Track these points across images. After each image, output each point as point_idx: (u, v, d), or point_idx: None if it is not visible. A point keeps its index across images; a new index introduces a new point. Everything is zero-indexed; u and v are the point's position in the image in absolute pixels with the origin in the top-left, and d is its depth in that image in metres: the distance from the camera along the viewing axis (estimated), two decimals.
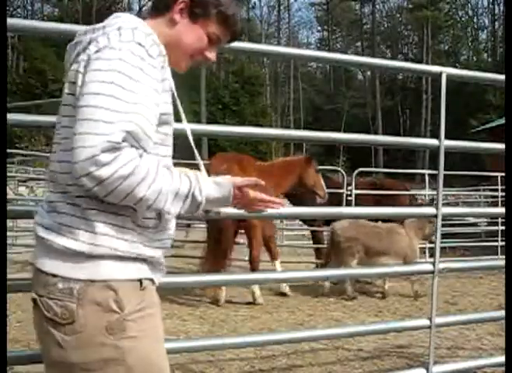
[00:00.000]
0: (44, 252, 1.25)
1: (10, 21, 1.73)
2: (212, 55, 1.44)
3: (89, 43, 1.24)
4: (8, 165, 8.57)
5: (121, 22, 1.26)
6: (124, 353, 1.21)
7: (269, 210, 1.57)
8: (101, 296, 1.21)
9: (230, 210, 2.05)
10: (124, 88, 1.15)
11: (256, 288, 5.19)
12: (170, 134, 1.35)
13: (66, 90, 1.28)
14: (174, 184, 1.22)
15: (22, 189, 12.01)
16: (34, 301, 1.25)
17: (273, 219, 4.93)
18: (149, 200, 1.18)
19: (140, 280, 1.27)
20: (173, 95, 1.36)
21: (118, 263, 1.24)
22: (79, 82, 1.21)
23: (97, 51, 1.20)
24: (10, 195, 8.60)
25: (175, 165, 1.48)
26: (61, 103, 1.30)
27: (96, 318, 1.20)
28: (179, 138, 1.73)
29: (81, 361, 1.21)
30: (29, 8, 40.68)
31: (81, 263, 1.21)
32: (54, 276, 1.22)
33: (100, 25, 1.28)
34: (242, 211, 1.53)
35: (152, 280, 1.32)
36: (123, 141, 1.14)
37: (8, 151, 6.59)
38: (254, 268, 5.33)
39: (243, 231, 5.47)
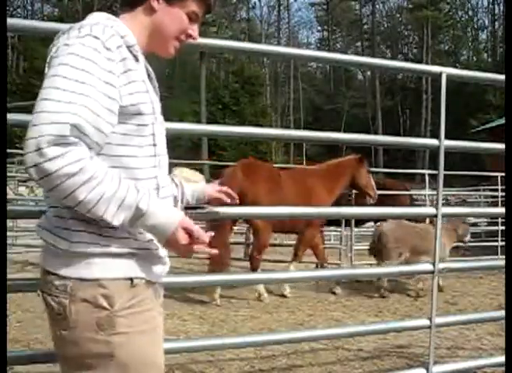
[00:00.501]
0: (45, 252, 1.31)
1: (10, 21, 1.73)
2: (195, 33, 1.45)
3: (54, 45, 1.31)
4: (8, 165, 8.57)
5: (86, 21, 1.29)
6: (115, 348, 1.24)
7: (269, 210, 1.56)
8: (91, 293, 1.24)
9: (230, 210, 2.05)
10: (69, 79, 1.16)
11: (261, 287, 5.23)
12: (149, 123, 1.32)
13: None
14: (120, 192, 1.17)
15: (22, 189, 12.03)
16: (38, 296, 1.33)
17: (273, 219, 4.95)
18: (90, 203, 1.15)
19: (131, 279, 1.29)
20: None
21: (109, 261, 1.27)
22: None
23: (56, 51, 1.25)
24: (10, 195, 8.60)
25: (175, 165, 1.47)
26: None
27: (86, 314, 1.24)
28: (181, 138, 1.72)
29: (75, 356, 1.26)
30: (29, 8, 40.76)
31: (73, 262, 1.26)
32: (53, 274, 1.27)
33: (69, 26, 1.31)
34: (242, 210, 1.52)
35: (144, 278, 1.32)
36: (73, 136, 1.13)
37: (8, 151, 6.59)
38: (253, 268, 5.34)
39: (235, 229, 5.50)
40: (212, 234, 1.31)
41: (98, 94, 1.18)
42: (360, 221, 7.87)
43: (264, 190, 5.18)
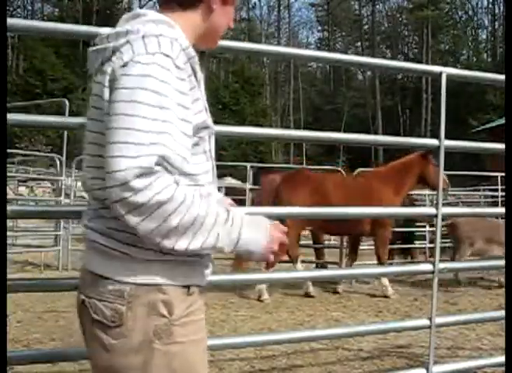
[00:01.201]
0: (95, 255, 1.23)
1: (10, 21, 1.73)
2: (232, 22, 1.44)
3: (113, 52, 1.19)
4: (8, 165, 8.57)
5: (146, 29, 1.20)
6: (170, 358, 1.20)
7: (268, 209, 1.56)
8: (151, 299, 1.19)
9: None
10: (151, 106, 1.11)
11: (262, 287, 5.27)
12: (207, 137, 1.31)
13: (92, 103, 1.24)
14: (210, 216, 1.15)
15: (22, 189, 12.03)
16: (82, 302, 1.24)
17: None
18: (182, 229, 1.12)
19: (188, 286, 1.25)
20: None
21: (168, 267, 1.22)
22: (105, 97, 1.17)
23: (123, 66, 1.15)
24: (10, 195, 8.60)
25: None
26: (88, 117, 1.27)
27: (144, 321, 1.18)
28: None
29: (126, 365, 1.19)
30: (29, 8, 40.75)
31: (132, 267, 1.20)
32: (105, 278, 1.20)
33: (123, 29, 1.21)
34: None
35: (199, 285, 1.29)
36: (157, 164, 1.10)
37: (8, 151, 6.60)
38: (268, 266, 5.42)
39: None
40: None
41: (177, 120, 1.15)
42: None
43: (302, 200, 5.27)
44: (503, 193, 7.53)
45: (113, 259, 1.20)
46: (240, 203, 6.79)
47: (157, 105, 1.11)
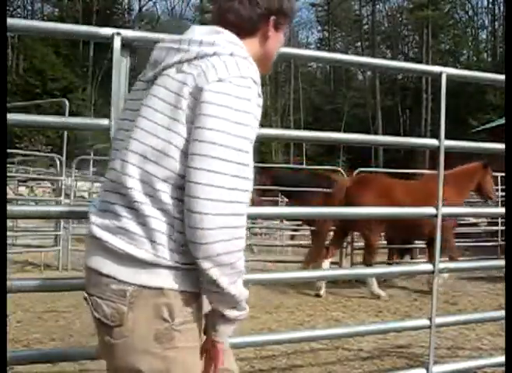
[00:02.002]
0: (100, 253, 1.23)
1: (10, 21, 1.73)
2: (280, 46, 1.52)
3: (200, 58, 1.21)
4: (8, 165, 8.57)
5: (232, 48, 1.24)
6: (170, 363, 1.19)
7: (268, 209, 1.56)
8: (154, 302, 1.18)
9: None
10: (243, 138, 1.17)
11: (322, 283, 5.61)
12: None
13: (160, 94, 1.22)
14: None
15: (22, 189, 12.04)
16: (85, 299, 1.25)
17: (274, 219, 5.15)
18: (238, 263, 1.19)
19: (192, 293, 1.24)
20: None
21: (175, 273, 1.21)
22: (188, 101, 1.18)
23: (219, 81, 1.17)
24: (10, 195, 8.61)
25: None
26: (144, 103, 1.25)
27: (145, 324, 1.18)
28: None
29: (124, 366, 1.20)
30: (29, 8, 40.69)
31: (138, 269, 1.19)
32: (108, 277, 1.20)
33: (209, 40, 1.24)
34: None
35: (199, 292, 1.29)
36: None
37: (8, 151, 6.60)
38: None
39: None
40: None
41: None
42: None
43: (371, 204, 5.41)
44: (503, 193, 7.53)
45: (120, 259, 1.20)
46: None
47: (244, 136, 1.17)
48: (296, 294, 5.63)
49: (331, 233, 6.46)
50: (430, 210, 2.54)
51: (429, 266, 2.53)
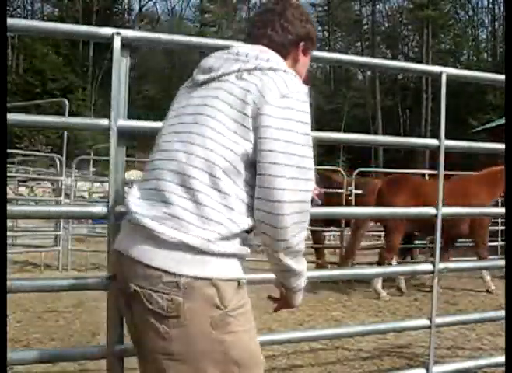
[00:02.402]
0: (147, 243, 1.27)
1: (10, 21, 1.73)
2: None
3: (259, 69, 1.34)
4: (8, 165, 8.57)
5: (283, 65, 1.40)
6: (228, 347, 1.27)
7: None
8: (207, 292, 1.24)
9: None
10: (308, 146, 1.33)
11: (378, 285, 5.73)
12: None
13: (221, 96, 1.33)
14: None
15: (22, 189, 12.04)
16: (135, 292, 1.26)
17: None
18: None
19: (239, 280, 1.32)
20: None
21: (223, 262, 1.28)
22: (251, 108, 1.29)
23: (282, 97, 1.30)
24: (10, 195, 8.60)
25: None
26: (204, 103, 1.34)
27: (201, 312, 1.24)
28: None
29: (184, 353, 1.24)
30: (29, 8, 40.65)
31: (188, 259, 1.24)
32: (159, 270, 1.23)
33: (265, 56, 1.38)
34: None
35: (245, 279, 1.38)
36: None
37: (8, 151, 6.60)
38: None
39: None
40: None
41: None
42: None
43: (404, 203, 5.56)
44: (503, 193, 7.53)
45: (171, 249, 1.24)
46: None
47: (309, 144, 1.34)
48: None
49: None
50: (430, 210, 2.54)
51: (429, 266, 2.53)
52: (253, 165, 1.31)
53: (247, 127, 1.30)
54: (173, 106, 1.48)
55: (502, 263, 2.50)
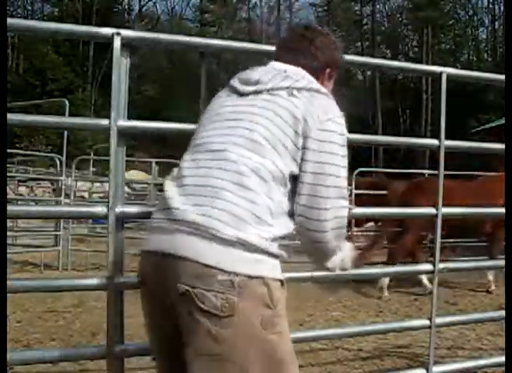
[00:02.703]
0: (199, 241, 1.25)
1: (10, 21, 1.73)
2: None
3: (307, 90, 1.44)
4: (8, 165, 8.57)
5: (322, 88, 1.51)
6: (273, 346, 1.29)
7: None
8: (259, 291, 1.27)
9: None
10: (346, 167, 1.47)
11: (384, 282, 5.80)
12: None
13: (272, 107, 1.41)
14: None
15: (22, 189, 12.02)
16: (186, 292, 1.24)
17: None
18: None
19: (282, 280, 1.37)
20: None
21: (273, 262, 1.33)
22: (302, 125, 1.39)
23: (328, 120, 1.42)
24: (10, 195, 8.60)
25: (175, 165, 1.50)
26: (254, 112, 1.42)
27: (253, 312, 1.25)
28: (181, 138, 1.74)
29: (233, 353, 1.24)
30: (29, 8, 40.62)
31: (244, 257, 1.26)
32: (213, 267, 1.23)
33: (308, 77, 1.50)
34: None
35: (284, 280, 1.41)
36: None
37: (8, 151, 6.59)
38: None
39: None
40: None
41: None
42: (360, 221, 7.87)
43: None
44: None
45: (224, 246, 1.24)
46: None
47: (345, 166, 1.46)
48: (296, 293, 5.62)
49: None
50: (430, 210, 2.54)
51: (429, 266, 2.53)
52: (295, 178, 1.41)
53: (297, 145, 1.40)
54: (212, 110, 1.54)
55: (502, 263, 2.50)
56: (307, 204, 1.40)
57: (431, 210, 2.53)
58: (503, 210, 2.55)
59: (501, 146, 2.54)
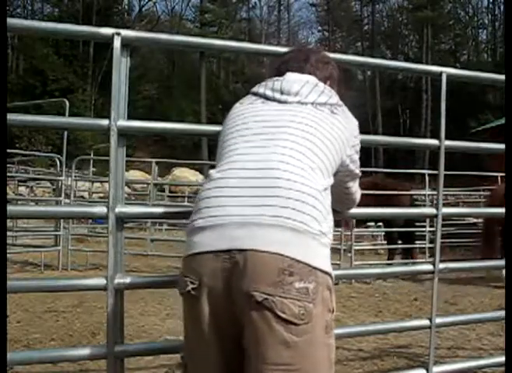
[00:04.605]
0: (283, 233, 1.24)
1: (10, 21, 1.73)
2: None
3: (330, 104, 1.58)
4: (8, 165, 8.57)
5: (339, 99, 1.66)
6: (330, 350, 1.30)
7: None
8: (326, 296, 1.28)
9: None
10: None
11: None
12: None
13: (310, 116, 1.51)
14: None
15: (22, 189, 12.03)
16: (263, 300, 1.19)
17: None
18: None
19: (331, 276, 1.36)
20: None
21: (329, 260, 1.34)
22: (337, 136, 1.53)
23: (356, 136, 1.67)
24: (10, 195, 8.60)
25: (175, 165, 1.50)
26: (289, 119, 1.49)
27: (321, 317, 1.26)
28: (181, 138, 1.74)
29: (302, 360, 1.22)
30: (29, 8, 40.62)
31: (314, 262, 1.26)
32: (292, 275, 1.20)
33: (327, 90, 1.62)
34: None
35: None
36: None
37: (8, 151, 6.60)
38: None
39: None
40: None
41: None
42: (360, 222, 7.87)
43: None
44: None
45: (299, 251, 1.25)
46: None
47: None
48: None
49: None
50: (430, 210, 2.53)
51: (429, 266, 2.53)
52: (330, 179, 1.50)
53: (333, 154, 1.51)
54: (240, 114, 1.57)
55: (502, 263, 2.50)
56: (343, 196, 1.82)
57: (431, 210, 2.53)
58: (503, 210, 2.55)
59: (501, 146, 2.54)
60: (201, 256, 1.28)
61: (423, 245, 8.18)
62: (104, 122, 1.84)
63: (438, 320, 2.50)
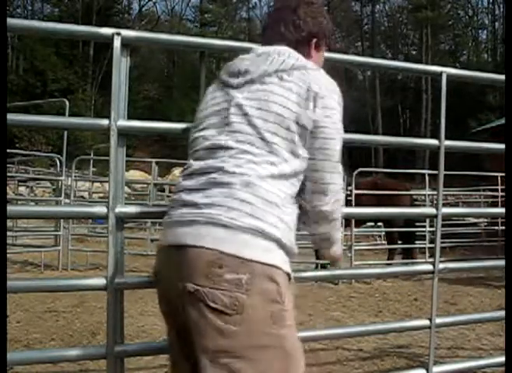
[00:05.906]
0: (217, 230, 1.27)
1: (10, 21, 1.73)
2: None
3: (296, 68, 1.43)
4: (8, 165, 8.57)
5: (309, 63, 1.50)
6: (283, 340, 1.30)
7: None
8: (267, 288, 1.28)
9: None
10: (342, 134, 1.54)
11: None
12: None
13: (276, 92, 1.40)
14: None
15: (22, 189, 12.03)
16: (195, 291, 1.24)
17: None
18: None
19: (289, 275, 1.38)
20: None
21: (284, 255, 1.35)
22: (311, 103, 1.41)
23: (322, 97, 1.42)
24: (10, 195, 8.60)
25: (175, 165, 1.50)
26: (247, 104, 1.40)
27: (262, 308, 1.26)
28: (181, 138, 1.74)
29: (244, 349, 1.25)
30: (29, 8, 40.63)
31: (259, 245, 1.28)
32: (221, 267, 1.24)
33: (293, 54, 1.47)
34: None
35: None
36: None
37: (8, 151, 6.59)
38: None
39: None
40: None
41: None
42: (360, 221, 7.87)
43: None
44: (503, 193, 7.53)
45: (243, 235, 1.27)
46: None
47: (342, 133, 1.54)
48: (296, 293, 5.62)
49: None
50: (430, 210, 2.53)
51: (429, 266, 2.53)
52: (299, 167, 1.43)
53: (303, 128, 1.41)
54: (206, 104, 1.52)
55: (502, 263, 2.50)
56: (314, 179, 1.48)
57: (431, 211, 2.53)
58: (503, 210, 2.55)
59: (501, 146, 2.54)
60: (158, 251, 1.43)
61: (423, 245, 8.17)
62: (104, 122, 1.84)
63: (438, 320, 2.50)
